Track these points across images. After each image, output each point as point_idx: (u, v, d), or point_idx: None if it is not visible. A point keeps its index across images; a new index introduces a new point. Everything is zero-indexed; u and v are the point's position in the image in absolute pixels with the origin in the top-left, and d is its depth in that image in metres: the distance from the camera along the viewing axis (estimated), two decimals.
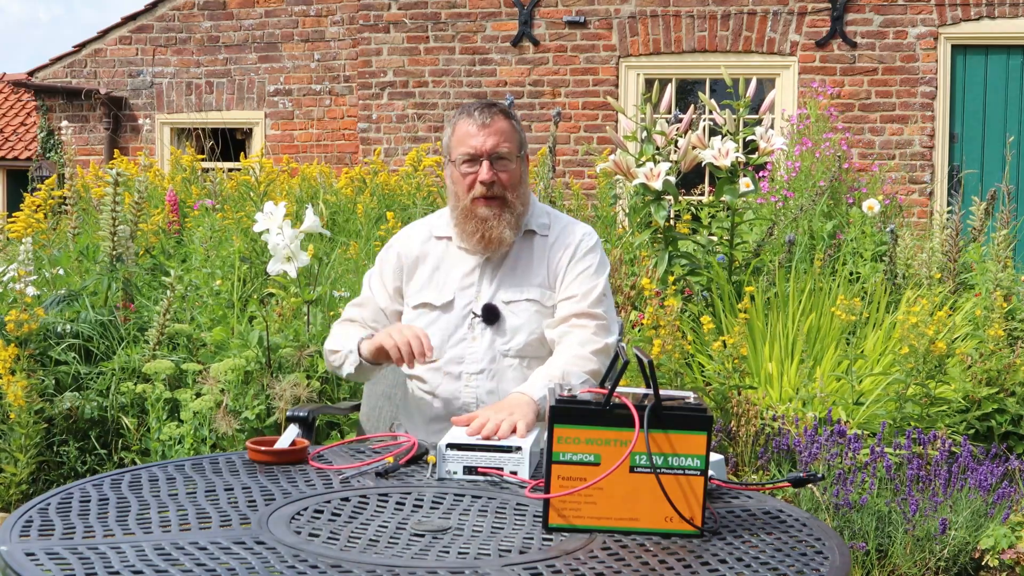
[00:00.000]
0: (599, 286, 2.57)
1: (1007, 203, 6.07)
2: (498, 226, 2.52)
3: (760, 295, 4.65)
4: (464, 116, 2.55)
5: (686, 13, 9.31)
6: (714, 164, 4.91)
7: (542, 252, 2.60)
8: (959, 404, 4.14)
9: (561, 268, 2.58)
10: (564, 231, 2.62)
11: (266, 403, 3.87)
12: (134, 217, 4.83)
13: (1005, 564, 3.33)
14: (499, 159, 2.52)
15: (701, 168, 5.18)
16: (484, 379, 2.52)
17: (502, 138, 2.52)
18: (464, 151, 2.52)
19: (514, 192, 2.54)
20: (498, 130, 2.52)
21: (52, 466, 4.07)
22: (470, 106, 2.57)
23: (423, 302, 2.59)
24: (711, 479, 1.88)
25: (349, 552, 1.57)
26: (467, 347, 2.53)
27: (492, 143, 2.51)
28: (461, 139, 2.54)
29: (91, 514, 1.72)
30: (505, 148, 2.52)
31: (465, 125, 2.54)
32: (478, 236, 2.53)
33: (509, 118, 2.56)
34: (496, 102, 2.60)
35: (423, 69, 9.84)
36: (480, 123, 2.52)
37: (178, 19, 11.02)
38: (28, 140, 15.24)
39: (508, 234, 2.53)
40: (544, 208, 2.68)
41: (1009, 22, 8.87)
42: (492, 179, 2.50)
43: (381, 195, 6.79)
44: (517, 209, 2.55)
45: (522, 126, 2.63)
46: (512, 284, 2.56)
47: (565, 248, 2.59)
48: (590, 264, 2.59)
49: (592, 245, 2.61)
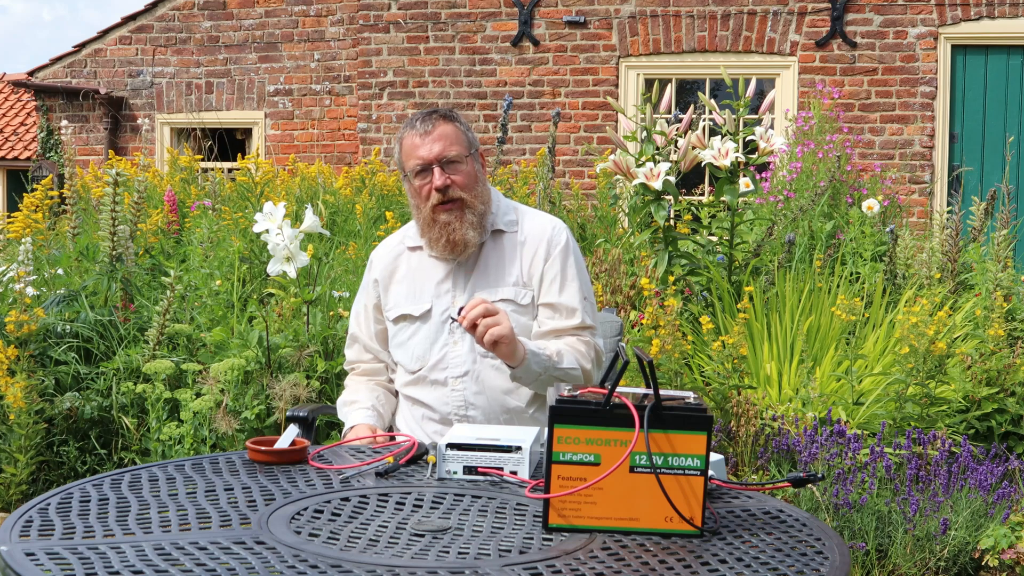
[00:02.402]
0: (576, 293, 2.58)
1: (1007, 203, 6.07)
2: (460, 227, 2.54)
3: (760, 295, 4.65)
4: (408, 129, 2.58)
5: (686, 13, 9.31)
6: (714, 164, 4.91)
7: (513, 250, 2.61)
8: (959, 404, 4.14)
9: (536, 268, 2.59)
10: (533, 227, 2.63)
11: (266, 403, 3.87)
12: (133, 217, 4.83)
13: (1005, 564, 3.33)
14: (449, 163, 2.53)
15: (701, 168, 5.18)
16: (469, 381, 2.54)
17: (447, 142, 2.54)
18: (414, 163, 2.55)
19: (471, 192, 2.55)
20: (441, 135, 2.54)
21: (52, 466, 4.07)
22: (412, 118, 2.60)
23: (402, 314, 2.62)
24: (711, 479, 1.88)
25: (349, 552, 1.57)
26: (449, 352, 2.55)
27: (438, 149, 2.53)
28: (409, 152, 2.57)
29: (91, 514, 1.72)
30: (453, 151, 2.54)
31: (410, 138, 2.56)
32: (443, 241, 2.55)
33: (452, 120, 2.58)
34: (437, 109, 2.62)
35: (423, 69, 9.84)
36: (422, 132, 2.54)
37: (178, 19, 11.01)
38: (28, 140, 15.24)
39: (472, 234, 2.55)
40: (510, 204, 2.69)
41: (1009, 22, 8.87)
42: (446, 183, 2.52)
43: (380, 195, 6.80)
44: (478, 208, 2.56)
45: (468, 126, 2.64)
46: (486, 285, 2.58)
47: (537, 244, 2.60)
48: (564, 265, 2.60)
49: (564, 242, 2.62)
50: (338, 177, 7.51)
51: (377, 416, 2.61)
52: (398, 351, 2.64)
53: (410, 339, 2.60)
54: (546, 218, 2.67)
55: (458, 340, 2.56)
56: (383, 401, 2.67)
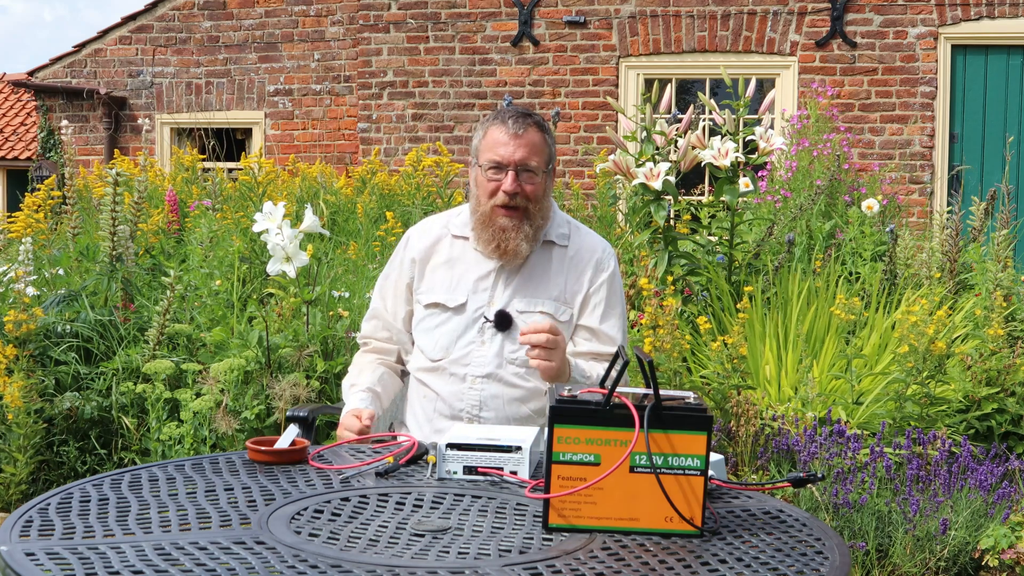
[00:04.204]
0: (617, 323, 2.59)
1: (1007, 203, 6.06)
2: (516, 237, 2.51)
3: (759, 295, 4.65)
4: (498, 122, 2.53)
5: (686, 13, 9.31)
6: (714, 164, 4.90)
7: (560, 264, 2.59)
8: (959, 404, 4.14)
9: (580, 288, 2.58)
10: (584, 245, 2.62)
11: (266, 403, 3.87)
12: (134, 217, 4.83)
13: (1005, 564, 3.33)
14: (526, 171, 2.50)
15: (701, 168, 5.18)
16: (488, 383, 2.52)
17: (532, 151, 2.50)
18: (492, 157, 2.51)
19: (536, 205, 2.53)
20: (529, 142, 2.50)
21: (52, 466, 4.07)
22: (505, 112, 2.55)
23: (435, 302, 2.59)
24: (711, 479, 1.88)
25: (349, 552, 1.57)
26: (475, 351, 2.53)
27: (521, 155, 2.49)
28: (491, 145, 2.52)
29: (91, 514, 1.72)
30: (534, 161, 2.50)
31: (497, 132, 2.52)
32: (494, 245, 2.53)
33: (543, 131, 2.54)
34: (532, 113, 2.57)
35: (423, 69, 9.84)
36: (512, 132, 2.50)
37: (178, 19, 11.01)
38: (28, 140, 15.24)
39: (525, 247, 2.52)
40: (565, 218, 2.67)
41: (1009, 22, 8.87)
42: (516, 190, 2.49)
43: (380, 195, 6.79)
44: (537, 222, 2.54)
45: (554, 139, 2.60)
46: (527, 294, 2.56)
47: (585, 265, 2.59)
48: (609, 293, 2.59)
49: (612, 269, 2.61)
50: (339, 177, 7.51)
51: (373, 398, 2.57)
52: (423, 336, 2.60)
53: (438, 328, 2.57)
54: (597, 239, 2.66)
55: (486, 341, 2.54)
56: (386, 381, 2.65)
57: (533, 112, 2.61)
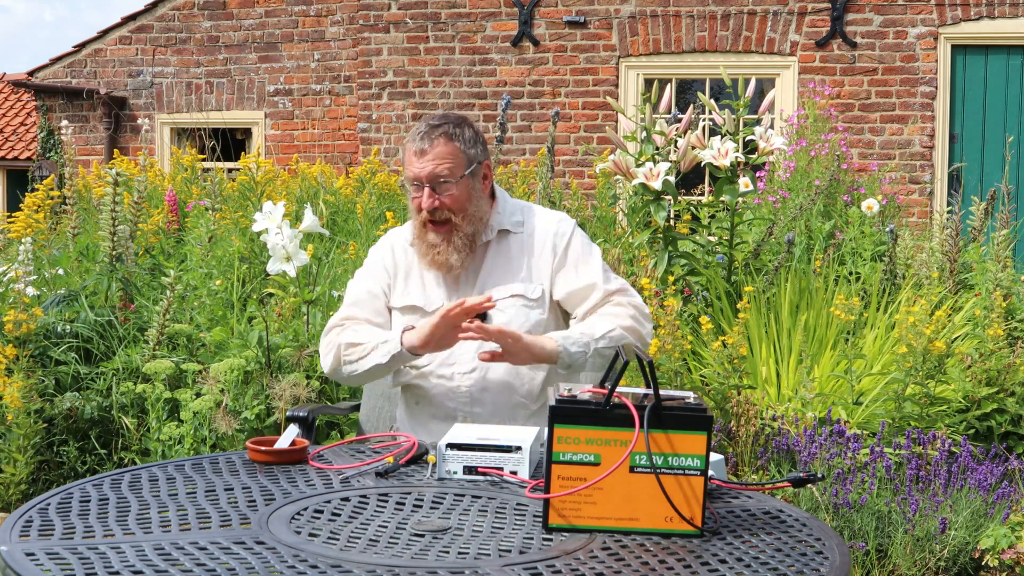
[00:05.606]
0: (594, 266, 2.60)
1: (1007, 203, 6.06)
2: (445, 251, 2.54)
3: (759, 295, 4.65)
4: (409, 140, 2.55)
5: (686, 13, 9.31)
6: (713, 164, 4.90)
7: (520, 248, 2.62)
8: (959, 404, 4.14)
9: (546, 262, 2.59)
10: (537, 224, 2.64)
11: (266, 403, 3.87)
12: (134, 217, 4.83)
13: (1005, 564, 3.33)
14: (441, 183, 2.51)
15: (701, 168, 5.18)
16: (475, 376, 2.54)
17: (440, 162, 2.50)
18: (408, 175, 2.55)
19: (460, 214, 2.53)
20: (437, 155, 2.50)
21: (52, 466, 4.07)
22: (416, 129, 2.56)
23: (411, 304, 2.61)
24: (711, 479, 1.88)
25: (349, 552, 1.57)
26: (458, 348, 2.54)
27: (430, 169, 2.50)
28: (407, 162, 2.55)
29: (91, 514, 1.72)
30: (445, 172, 2.50)
31: (409, 149, 2.54)
32: (428, 260, 2.57)
33: (452, 139, 2.52)
34: (442, 123, 2.54)
35: (423, 69, 9.84)
36: (418, 149, 2.51)
37: (178, 19, 11.01)
38: (28, 140, 15.24)
39: (455, 258, 2.54)
40: (518, 205, 2.69)
41: (1009, 22, 8.87)
42: (434, 205, 2.51)
43: (380, 195, 6.79)
44: (466, 229, 2.54)
45: (474, 139, 2.55)
46: (494, 283, 2.59)
47: (544, 240, 2.61)
48: (578, 249, 2.61)
49: (571, 231, 2.63)
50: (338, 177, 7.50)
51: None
52: None
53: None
54: (551, 214, 2.68)
55: None
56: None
57: (446, 120, 2.56)
